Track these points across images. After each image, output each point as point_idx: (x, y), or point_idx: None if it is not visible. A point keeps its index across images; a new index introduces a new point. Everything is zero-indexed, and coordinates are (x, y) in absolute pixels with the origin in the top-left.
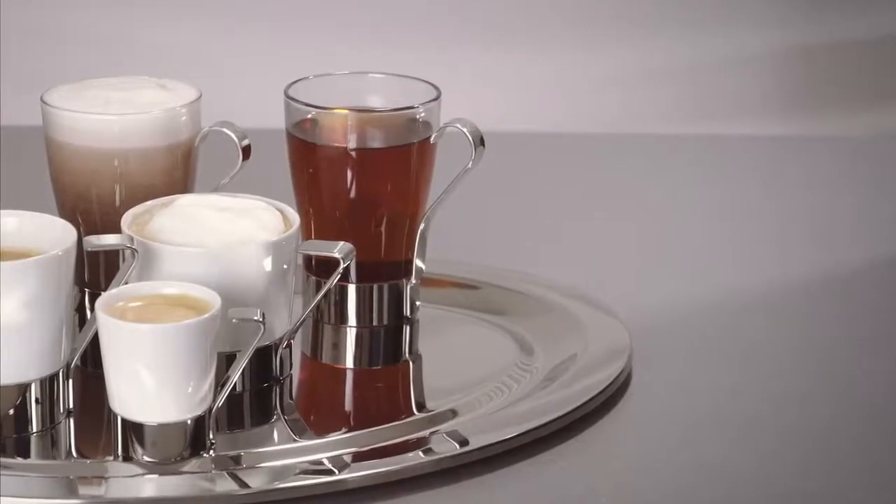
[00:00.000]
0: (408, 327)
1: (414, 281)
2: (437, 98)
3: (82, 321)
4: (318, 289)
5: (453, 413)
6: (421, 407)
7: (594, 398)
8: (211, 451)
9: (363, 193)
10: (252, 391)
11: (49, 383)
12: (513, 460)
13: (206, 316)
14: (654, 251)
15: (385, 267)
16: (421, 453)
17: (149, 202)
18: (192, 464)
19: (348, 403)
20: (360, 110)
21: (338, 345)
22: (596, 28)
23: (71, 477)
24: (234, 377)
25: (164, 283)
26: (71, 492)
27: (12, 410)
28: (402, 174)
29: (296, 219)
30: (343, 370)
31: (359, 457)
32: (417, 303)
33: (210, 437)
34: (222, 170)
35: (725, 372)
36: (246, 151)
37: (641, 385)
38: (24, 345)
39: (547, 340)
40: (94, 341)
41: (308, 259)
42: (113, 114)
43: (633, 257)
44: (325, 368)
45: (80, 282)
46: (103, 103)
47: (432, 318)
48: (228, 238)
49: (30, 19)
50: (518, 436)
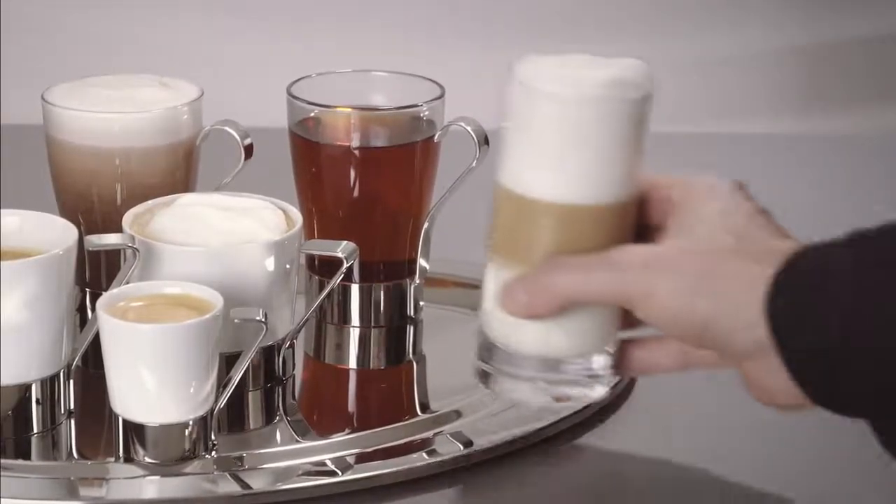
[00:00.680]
0: (411, 327)
1: (417, 281)
2: (440, 96)
3: (83, 321)
4: (321, 288)
5: (457, 414)
6: (425, 408)
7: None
8: (213, 452)
9: (366, 192)
10: (254, 392)
11: (50, 384)
12: (517, 461)
13: (207, 316)
14: None
15: (388, 266)
16: (425, 454)
17: (150, 201)
18: (194, 465)
19: (351, 404)
20: (364, 109)
21: (341, 345)
22: (599, 27)
23: (72, 478)
24: (237, 378)
25: (165, 283)
26: (72, 493)
27: (13, 411)
28: (406, 173)
29: (298, 218)
30: (346, 370)
31: (362, 458)
32: (421, 303)
33: (212, 438)
34: (224, 169)
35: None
36: (248, 150)
37: (646, 385)
38: (24, 345)
39: None
40: (96, 341)
41: (311, 259)
42: (114, 112)
43: None
44: (327, 369)
45: (80, 281)
46: (104, 102)
47: (436, 318)
48: (230, 237)
49: (30, 17)
50: (522, 437)
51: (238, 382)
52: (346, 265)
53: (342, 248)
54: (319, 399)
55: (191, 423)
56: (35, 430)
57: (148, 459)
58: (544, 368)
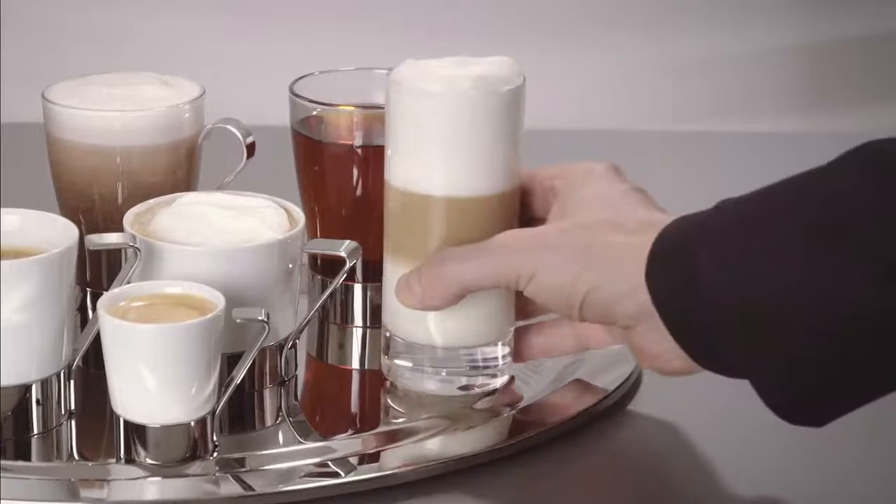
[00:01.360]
0: None
1: None
2: None
3: (84, 321)
4: (324, 288)
5: (461, 415)
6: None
7: (602, 401)
8: (215, 454)
9: (369, 191)
10: (256, 392)
11: (50, 384)
12: (520, 463)
13: (209, 316)
14: None
15: None
16: (429, 455)
17: (151, 200)
18: (196, 466)
19: (354, 405)
20: (367, 107)
21: (344, 345)
22: (603, 25)
23: (72, 479)
24: (239, 378)
25: (166, 283)
26: (72, 495)
27: (13, 412)
28: None
29: (301, 217)
30: (349, 371)
31: (365, 459)
32: None
33: (214, 439)
34: (226, 167)
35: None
36: (250, 149)
37: (651, 386)
38: (24, 345)
39: None
40: (96, 342)
41: (313, 258)
42: (115, 111)
43: None
44: (330, 369)
45: (81, 281)
46: (105, 100)
47: None
48: (232, 237)
49: (30, 15)
50: (526, 438)
51: (240, 383)
52: (348, 265)
53: (345, 248)
54: (322, 400)
55: (192, 423)
56: (35, 431)
57: (149, 460)
58: (446, 360)
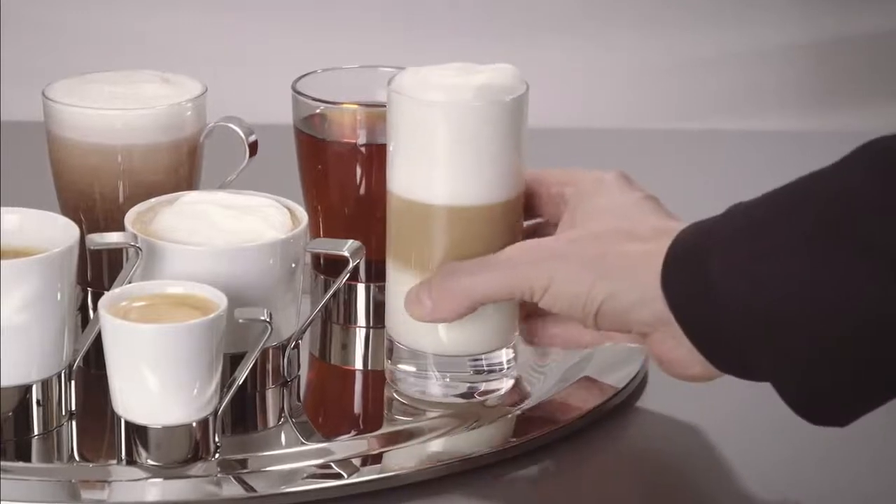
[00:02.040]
0: None
1: None
2: None
3: (85, 321)
4: (327, 288)
5: (465, 415)
6: (431, 409)
7: (610, 399)
8: (216, 455)
9: (373, 190)
10: (259, 393)
11: (51, 385)
12: (526, 464)
13: (211, 316)
14: None
15: None
16: (432, 456)
17: (153, 199)
18: (198, 467)
19: (357, 405)
20: (370, 105)
21: (347, 345)
22: (608, 23)
23: (73, 481)
24: (241, 378)
25: (168, 283)
26: (73, 496)
27: (13, 412)
28: None
29: (304, 216)
30: (352, 371)
31: (368, 460)
32: None
33: (216, 439)
34: (228, 166)
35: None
36: (253, 147)
37: (658, 386)
38: (25, 345)
39: None
40: (97, 342)
41: (316, 258)
42: (116, 109)
43: None
44: (333, 369)
45: (82, 281)
46: (106, 98)
47: None
48: (235, 236)
49: (31, 12)
50: (531, 439)
51: (242, 383)
52: (352, 264)
53: (348, 247)
54: (325, 400)
55: (194, 424)
56: (36, 432)
57: (150, 462)
58: (450, 365)
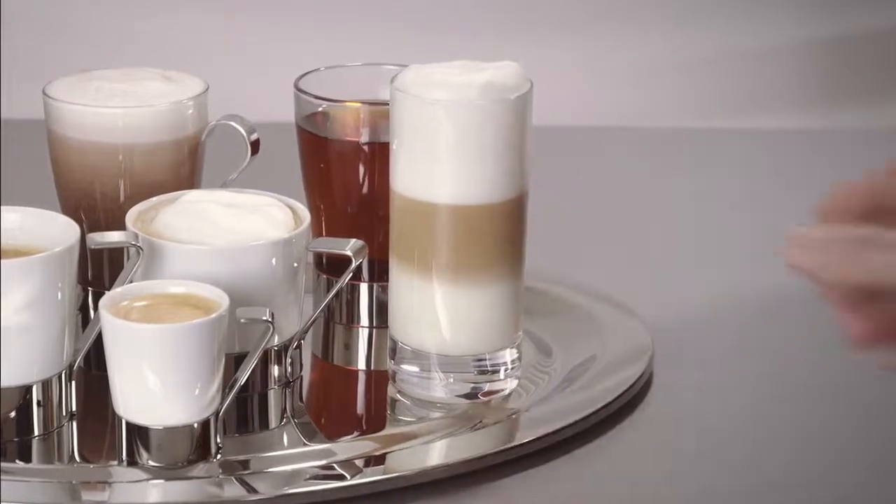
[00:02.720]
0: None
1: None
2: None
3: (86, 321)
4: (330, 288)
5: (468, 417)
6: (435, 410)
7: (614, 401)
8: (218, 456)
9: (376, 189)
10: (261, 393)
11: (51, 385)
12: (530, 465)
13: (213, 316)
14: (677, 248)
15: None
16: (435, 458)
17: (154, 198)
18: (199, 468)
19: (360, 406)
20: (373, 103)
21: (350, 345)
22: (612, 21)
23: (74, 482)
24: (243, 379)
25: (170, 282)
26: (74, 497)
27: (13, 413)
28: None
29: (306, 215)
30: (355, 372)
31: (371, 461)
32: None
33: (217, 440)
34: (230, 165)
35: (751, 373)
36: (255, 146)
37: (663, 387)
38: (25, 345)
39: (565, 341)
40: (98, 342)
41: (319, 257)
42: (117, 107)
43: (655, 254)
44: (336, 370)
45: (83, 280)
46: (107, 96)
47: None
48: (236, 235)
49: (31, 9)
50: (535, 440)
51: (244, 384)
52: (354, 264)
53: (351, 247)
54: (327, 401)
55: (196, 425)
56: (36, 433)
57: (151, 463)
58: (454, 365)
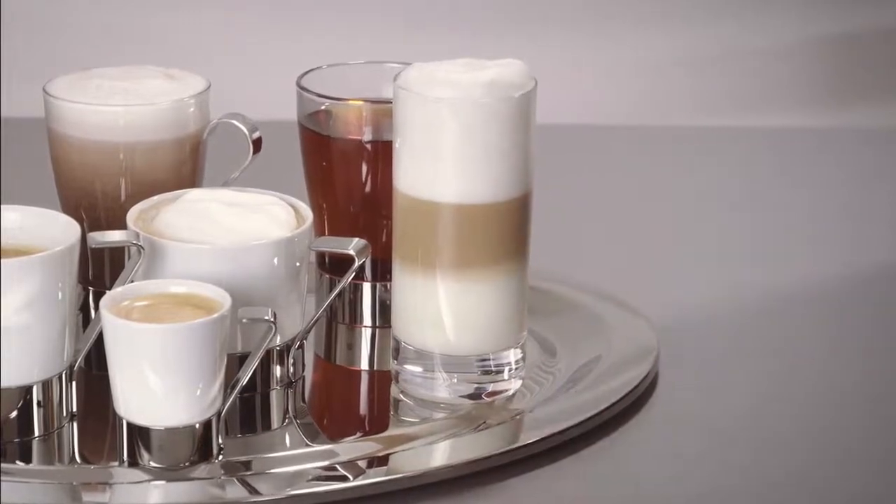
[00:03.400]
0: None
1: None
2: None
3: (86, 321)
4: (332, 287)
5: (472, 417)
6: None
7: (619, 401)
8: (220, 457)
9: (379, 188)
10: (263, 394)
11: (51, 386)
12: (534, 466)
13: (215, 316)
14: (682, 247)
15: None
16: (438, 459)
17: (155, 197)
18: (201, 469)
19: (363, 407)
20: (376, 101)
21: (352, 345)
22: (617, 18)
23: (74, 483)
24: (245, 379)
25: (171, 282)
26: (74, 499)
27: (14, 414)
28: None
29: (309, 214)
30: (358, 372)
31: (374, 462)
32: None
33: (219, 441)
34: (232, 163)
35: (756, 374)
36: (257, 144)
37: (668, 387)
38: (25, 346)
39: (570, 341)
40: (99, 342)
41: (321, 256)
42: (118, 105)
43: (660, 254)
44: (338, 370)
45: (83, 280)
46: (108, 94)
47: None
48: (238, 235)
49: (32, 7)
50: (540, 440)
51: (246, 384)
52: (357, 263)
53: (353, 246)
54: (330, 401)
55: (197, 426)
56: (36, 434)
57: (153, 464)
58: (457, 365)
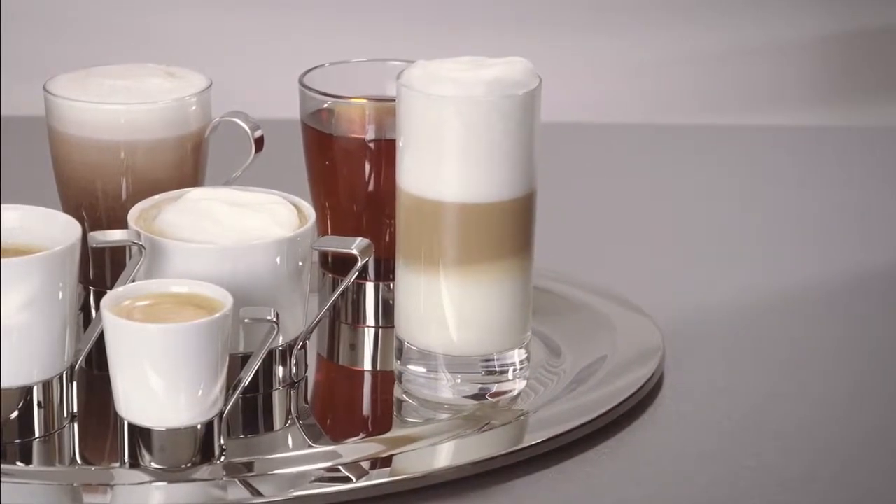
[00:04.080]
0: None
1: None
2: None
3: (87, 321)
4: (335, 287)
5: (476, 418)
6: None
7: (624, 402)
8: (222, 458)
9: (382, 187)
10: (265, 394)
11: (52, 386)
12: (539, 467)
13: (217, 315)
14: (688, 247)
15: None
16: (442, 460)
17: (157, 196)
18: (203, 471)
19: (366, 407)
20: (379, 100)
21: (355, 346)
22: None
23: (75, 484)
24: (247, 380)
25: (172, 281)
26: (75, 500)
27: (14, 414)
28: None
29: (311, 214)
30: (361, 372)
31: (377, 464)
32: None
33: (221, 442)
34: (234, 162)
35: (763, 374)
36: (259, 143)
37: (674, 388)
38: (26, 346)
39: (575, 341)
40: (100, 342)
41: (324, 256)
42: (119, 103)
43: (666, 253)
44: (341, 370)
45: (84, 280)
46: (109, 92)
47: None
48: (241, 234)
49: (32, 5)
50: (544, 441)
51: (248, 385)
52: (360, 262)
53: (357, 245)
54: (333, 402)
55: (199, 427)
56: (37, 435)
57: (154, 465)
58: (461, 366)
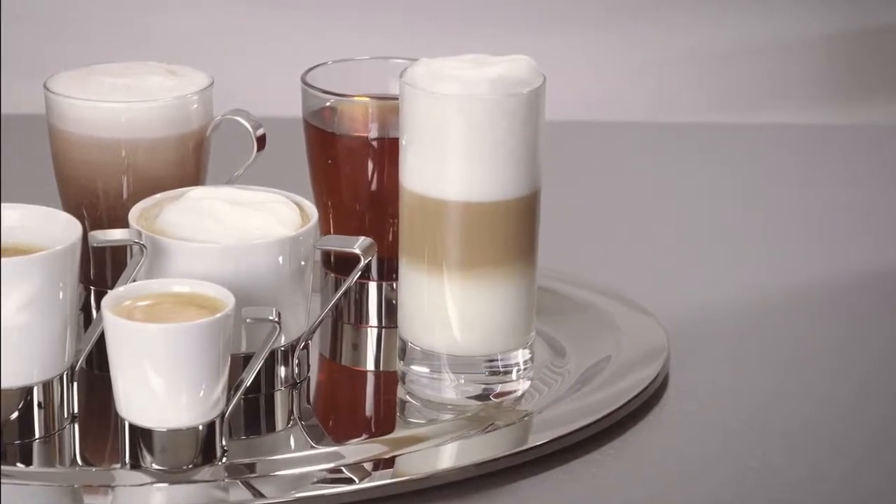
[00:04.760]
0: None
1: None
2: None
3: (87, 321)
4: (337, 287)
5: (479, 419)
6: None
7: (629, 402)
8: (223, 459)
9: (385, 186)
10: (267, 395)
11: (52, 387)
12: (543, 467)
13: (218, 315)
14: (693, 246)
15: None
16: (446, 461)
17: (158, 195)
18: (204, 472)
19: (369, 408)
20: (382, 98)
21: (358, 346)
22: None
23: (75, 486)
24: (249, 380)
25: (174, 281)
26: (75, 501)
27: (14, 415)
28: None
29: (313, 213)
30: (363, 373)
31: (380, 465)
32: None
33: (222, 443)
34: (236, 161)
35: (768, 373)
36: (261, 141)
37: (679, 388)
38: (26, 346)
39: (579, 341)
40: (101, 342)
41: (326, 255)
42: (120, 101)
43: (670, 252)
44: (344, 371)
45: (85, 279)
46: (110, 90)
47: None
48: (242, 233)
49: (32, 3)
50: (549, 442)
51: (250, 385)
52: (363, 262)
53: (359, 245)
54: (335, 402)
55: (200, 427)
56: (37, 435)
57: (155, 466)
58: (465, 366)
